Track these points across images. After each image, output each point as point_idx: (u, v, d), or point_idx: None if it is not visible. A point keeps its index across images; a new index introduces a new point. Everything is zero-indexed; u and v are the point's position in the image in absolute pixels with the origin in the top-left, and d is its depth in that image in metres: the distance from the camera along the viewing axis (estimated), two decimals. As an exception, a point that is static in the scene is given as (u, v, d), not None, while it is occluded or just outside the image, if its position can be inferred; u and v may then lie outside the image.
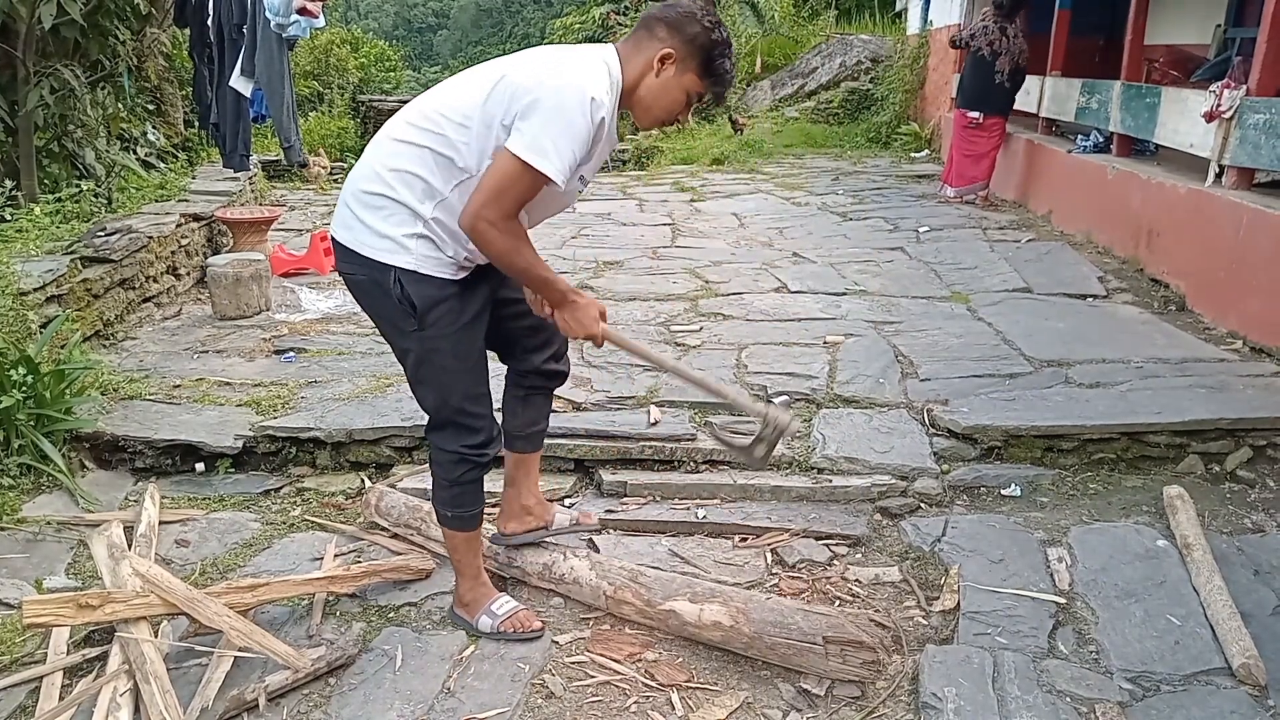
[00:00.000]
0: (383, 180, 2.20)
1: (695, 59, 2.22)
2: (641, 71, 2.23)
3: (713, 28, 2.22)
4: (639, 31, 2.26)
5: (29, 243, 4.50)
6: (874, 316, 4.93)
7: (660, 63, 2.21)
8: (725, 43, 2.24)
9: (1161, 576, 2.74)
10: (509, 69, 2.17)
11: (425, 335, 2.27)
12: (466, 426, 2.40)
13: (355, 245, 2.24)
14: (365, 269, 2.24)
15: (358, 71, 15.23)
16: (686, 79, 2.24)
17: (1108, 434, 3.48)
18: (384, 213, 2.20)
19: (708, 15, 2.23)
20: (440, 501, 2.50)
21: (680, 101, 2.28)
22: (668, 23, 2.21)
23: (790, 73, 15.71)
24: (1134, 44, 6.56)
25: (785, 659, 2.37)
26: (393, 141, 2.23)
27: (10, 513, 3.10)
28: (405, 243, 2.19)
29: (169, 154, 7.90)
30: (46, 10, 4.91)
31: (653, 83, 2.23)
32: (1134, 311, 5.02)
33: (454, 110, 2.17)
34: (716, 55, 2.23)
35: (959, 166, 8.17)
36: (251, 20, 6.59)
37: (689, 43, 2.21)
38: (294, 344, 4.58)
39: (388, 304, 2.25)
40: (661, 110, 2.28)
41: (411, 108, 2.27)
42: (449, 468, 2.43)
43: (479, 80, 2.20)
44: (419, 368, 2.35)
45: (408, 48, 30.99)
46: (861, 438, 3.52)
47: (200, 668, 2.37)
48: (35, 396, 3.35)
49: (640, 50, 2.23)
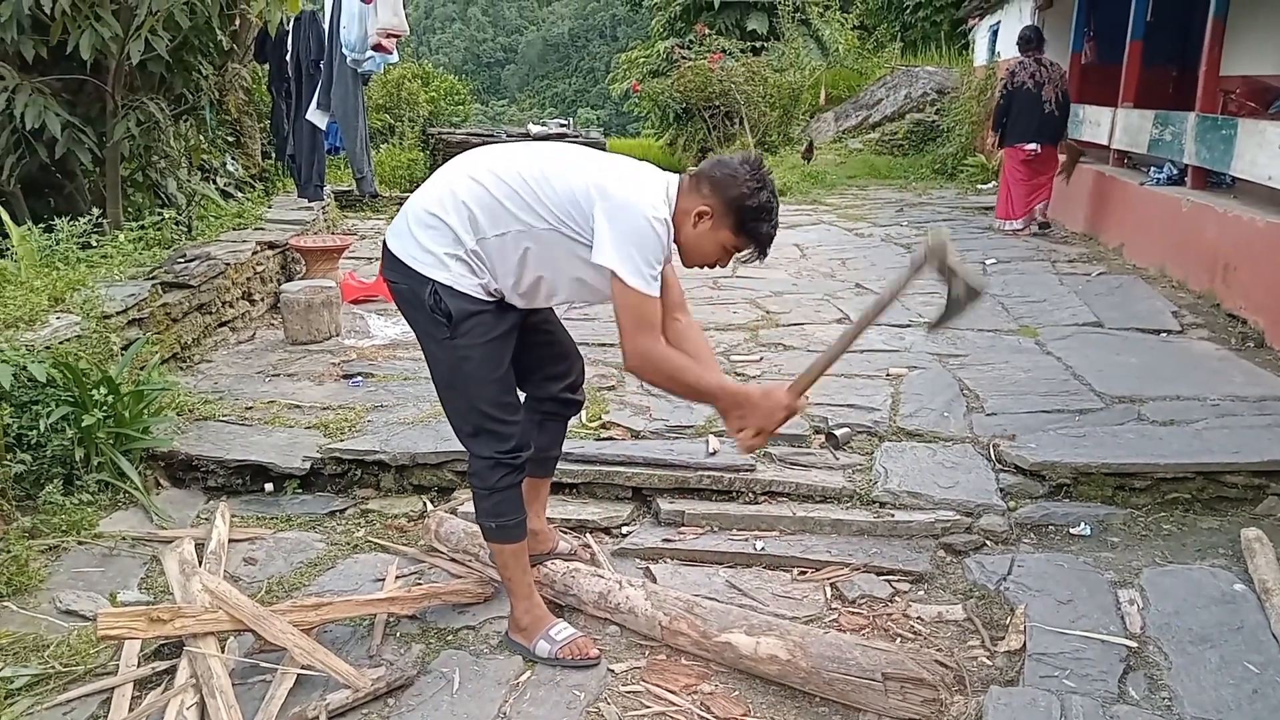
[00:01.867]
0: (442, 205, 2.37)
1: (731, 218, 2.35)
2: (683, 218, 2.38)
3: (752, 193, 2.33)
4: (691, 180, 2.41)
5: (113, 268, 4.68)
6: (938, 349, 4.87)
7: (698, 217, 2.36)
8: (765, 207, 2.35)
9: (1239, 622, 2.64)
10: (604, 182, 2.31)
11: (457, 344, 2.39)
12: (496, 433, 2.47)
13: (402, 255, 2.39)
14: (407, 279, 2.39)
15: (428, 105, 15.58)
16: (722, 235, 2.38)
17: (1182, 473, 3.37)
18: (433, 232, 2.36)
19: (751, 179, 2.33)
20: (482, 514, 2.54)
21: (716, 253, 2.43)
22: (712, 181, 2.35)
23: (854, 104, 15.70)
24: (1209, 74, 6.43)
25: (843, 695, 2.34)
26: (468, 178, 2.38)
27: (88, 528, 3.21)
28: (445, 260, 2.35)
29: (247, 184, 8.17)
30: (135, 47, 5.13)
31: (691, 232, 2.39)
32: (1210, 347, 4.88)
33: (531, 174, 2.34)
34: (751, 218, 2.35)
35: (1018, 199, 8.11)
36: (328, 56, 6.82)
37: (728, 204, 2.34)
38: (362, 369, 4.68)
39: (423, 313, 2.39)
40: (700, 257, 2.45)
41: (497, 157, 2.42)
42: (485, 475, 2.49)
43: (565, 162, 2.38)
44: (451, 374, 2.45)
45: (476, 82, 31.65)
46: (925, 472, 3.47)
47: (264, 684, 2.42)
48: (115, 416, 3.47)
49: (689, 198, 2.38)
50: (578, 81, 56.25)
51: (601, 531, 3.27)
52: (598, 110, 43.00)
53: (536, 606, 2.62)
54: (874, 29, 20.47)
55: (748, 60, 15.24)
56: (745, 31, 19.25)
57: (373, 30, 6.53)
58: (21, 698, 2.38)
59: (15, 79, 5.03)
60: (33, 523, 3.16)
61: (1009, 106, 7.97)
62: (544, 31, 62.07)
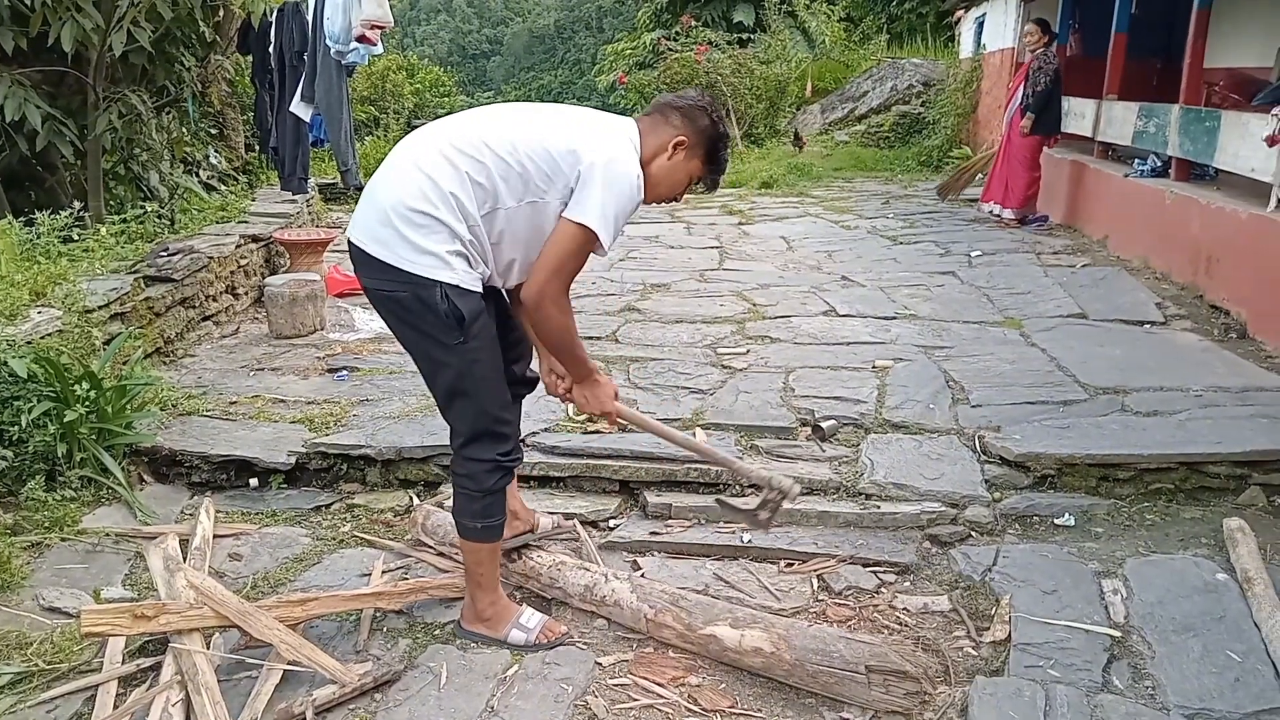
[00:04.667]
0: (428, 199, 2.24)
1: (703, 148, 2.48)
2: (655, 152, 2.44)
3: (718, 122, 2.49)
4: (654, 115, 2.49)
5: (95, 262, 4.64)
6: (924, 341, 4.88)
7: (674, 148, 2.44)
8: (727, 135, 2.54)
9: (1221, 611, 2.66)
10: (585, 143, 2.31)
11: (468, 347, 2.32)
12: (500, 434, 2.46)
13: (393, 260, 2.26)
14: (407, 285, 2.26)
15: (413, 97, 15.52)
16: (693, 164, 2.49)
17: (1165, 464, 3.39)
18: (426, 230, 2.24)
19: (715, 110, 2.50)
20: (469, 515, 2.49)
21: (683, 184, 2.53)
22: (682, 112, 2.46)
23: (840, 97, 15.70)
24: (1193, 67, 6.46)
25: (827, 688, 2.34)
26: (443, 161, 2.27)
27: (71, 524, 3.19)
28: (449, 259, 2.26)
29: (230, 177, 8.11)
30: (117, 39, 5.09)
31: (664, 164, 2.45)
32: (1193, 339, 4.91)
33: (500, 145, 2.30)
34: (721, 147, 2.51)
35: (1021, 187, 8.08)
36: (312, 48, 6.77)
37: (699, 132, 2.46)
38: (347, 363, 4.66)
39: (429, 319, 2.28)
40: (666, 189, 2.51)
41: (458, 130, 2.34)
42: (482, 478, 2.45)
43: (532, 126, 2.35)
44: (460, 380, 2.37)
45: (462, 74, 31.54)
46: (910, 464, 3.48)
47: (250, 680, 2.41)
48: (98, 411, 3.45)
49: (656, 133, 2.45)
50: (564, 73, 56.05)
51: (589, 525, 3.27)
52: (584, 102, 42.75)
53: (502, 598, 2.64)
54: (860, 21, 20.46)
55: (734, 52, 15.21)
56: (731, 23, 19.24)
57: (357, 21, 6.48)
58: (4, 696, 2.37)
59: (-6, 71, 4.98)
60: (14, 519, 3.13)
61: (1053, 95, 7.85)
62: (530, 23, 61.81)
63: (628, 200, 2.32)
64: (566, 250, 2.30)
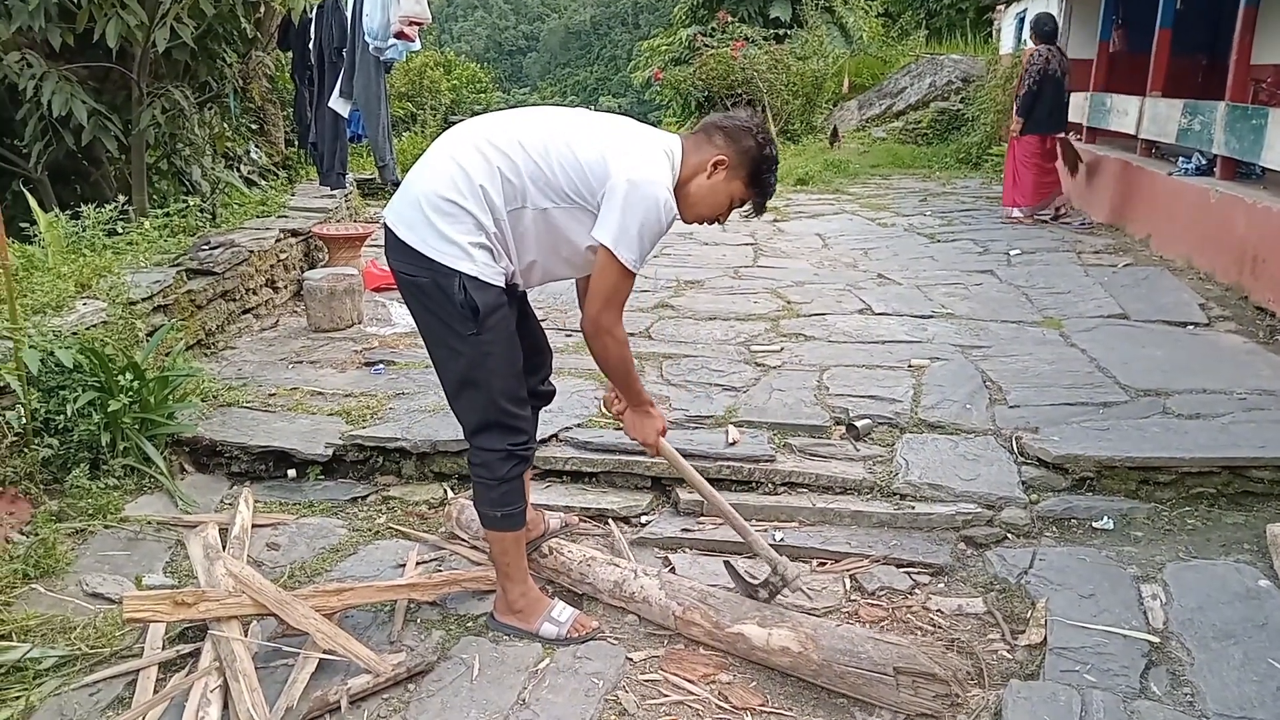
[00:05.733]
0: (458, 188, 2.30)
1: (745, 169, 2.44)
2: (695, 170, 2.43)
3: (764, 144, 2.44)
4: (699, 134, 2.48)
5: (139, 255, 4.72)
6: (961, 340, 4.84)
7: (714, 167, 2.42)
8: (774, 159, 2.47)
9: (1263, 618, 2.61)
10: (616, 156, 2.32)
11: (481, 339, 2.36)
12: (511, 426, 2.48)
13: (420, 245, 2.31)
14: (428, 271, 2.32)
15: (450, 93, 15.63)
16: (734, 185, 2.46)
17: (1208, 468, 3.33)
18: (453, 220, 2.29)
19: (761, 132, 2.45)
20: (487, 504, 2.53)
21: (724, 205, 2.50)
22: (726, 132, 2.44)
23: (878, 93, 15.58)
24: (1240, 63, 6.33)
25: (854, 689, 2.33)
26: (477, 154, 2.33)
27: (114, 512, 3.25)
28: (470, 250, 2.30)
29: (270, 172, 8.21)
30: (161, 35, 5.16)
31: (703, 183, 2.44)
32: (1237, 340, 4.82)
33: (534, 146, 2.34)
34: (764, 169, 2.46)
35: (1031, 186, 8.14)
36: (351, 44, 6.82)
37: (742, 154, 2.43)
38: (384, 356, 4.71)
39: (447, 307, 2.33)
40: (706, 209, 2.49)
41: (497, 127, 2.39)
42: (496, 466, 2.48)
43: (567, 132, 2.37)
44: (471, 370, 2.41)
45: (498, 70, 31.69)
46: (946, 464, 3.45)
47: (286, 668, 2.44)
48: (140, 401, 3.51)
49: (698, 151, 2.44)
50: (599, 69, 56.12)
51: (621, 521, 3.28)
52: (619, 98, 42.89)
53: (532, 589, 2.65)
54: (898, 16, 20.30)
55: (770, 48, 15.14)
56: (768, 19, 19.13)
57: (395, 18, 6.52)
58: (49, 678, 2.42)
59: (42, 66, 5.07)
60: (60, 506, 3.20)
61: (1040, 93, 7.93)
62: (566, 19, 61.94)
63: (654, 221, 2.31)
64: (609, 278, 2.33)
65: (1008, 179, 8.47)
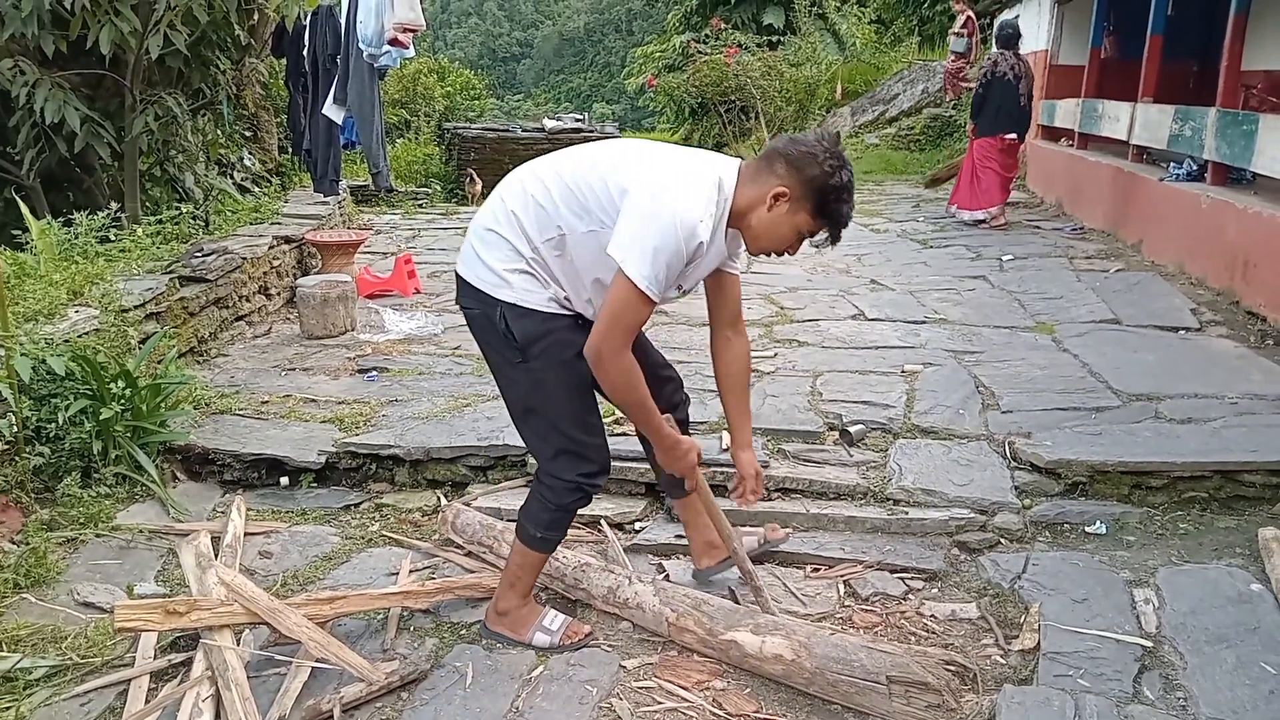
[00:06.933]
0: (495, 217, 2.33)
1: (810, 200, 2.21)
2: (754, 201, 2.24)
3: (833, 171, 2.18)
4: (760, 161, 2.26)
5: (131, 262, 4.71)
6: (954, 346, 4.85)
7: (774, 199, 2.21)
8: (844, 187, 2.21)
9: (1255, 622, 2.62)
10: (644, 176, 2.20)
11: (531, 367, 2.35)
12: (579, 454, 2.43)
13: (471, 279, 2.36)
14: (479, 304, 2.35)
15: (444, 100, 15.61)
16: (799, 218, 2.24)
17: (1200, 472, 3.34)
18: (491, 247, 2.32)
19: (830, 158, 2.19)
20: (533, 521, 2.52)
21: (790, 238, 2.29)
22: (788, 160, 2.21)
23: (871, 99, 15.61)
24: (1230, 69, 6.36)
25: (847, 697, 2.33)
26: (517, 185, 2.35)
27: (106, 520, 3.24)
28: (507, 277, 2.29)
29: (263, 179, 8.21)
30: (154, 42, 5.17)
31: (764, 215, 2.24)
32: (1229, 345, 4.83)
33: (568, 172, 2.29)
34: (833, 199, 2.21)
35: (987, 190, 8.26)
36: (345, 51, 6.84)
37: (806, 183, 2.19)
38: (377, 363, 4.70)
39: (495, 337, 2.36)
40: (770, 242, 2.30)
41: (545, 160, 2.39)
42: (562, 494, 2.46)
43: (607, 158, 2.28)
44: (529, 398, 2.41)
45: (492, 76, 31.65)
46: (939, 469, 3.45)
47: (279, 677, 2.43)
48: (133, 409, 3.50)
49: (757, 180, 2.24)
50: (593, 76, 56.19)
51: (615, 527, 3.27)
52: (613, 105, 42.94)
53: (530, 603, 2.65)
54: (891, 23, 20.34)
55: (764, 55, 15.18)
56: (761, 26, 19.16)
57: (389, 25, 6.54)
58: (40, 688, 2.41)
59: (35, 73, 5.08)
60: (51, 515, 3.19)
61: (987, 96, 8.20)
62: (560, 26, 62.01)
63: (671, 241, 2.11)
64: (616, 297, 2.15)
65: (962, 179, 8.63)
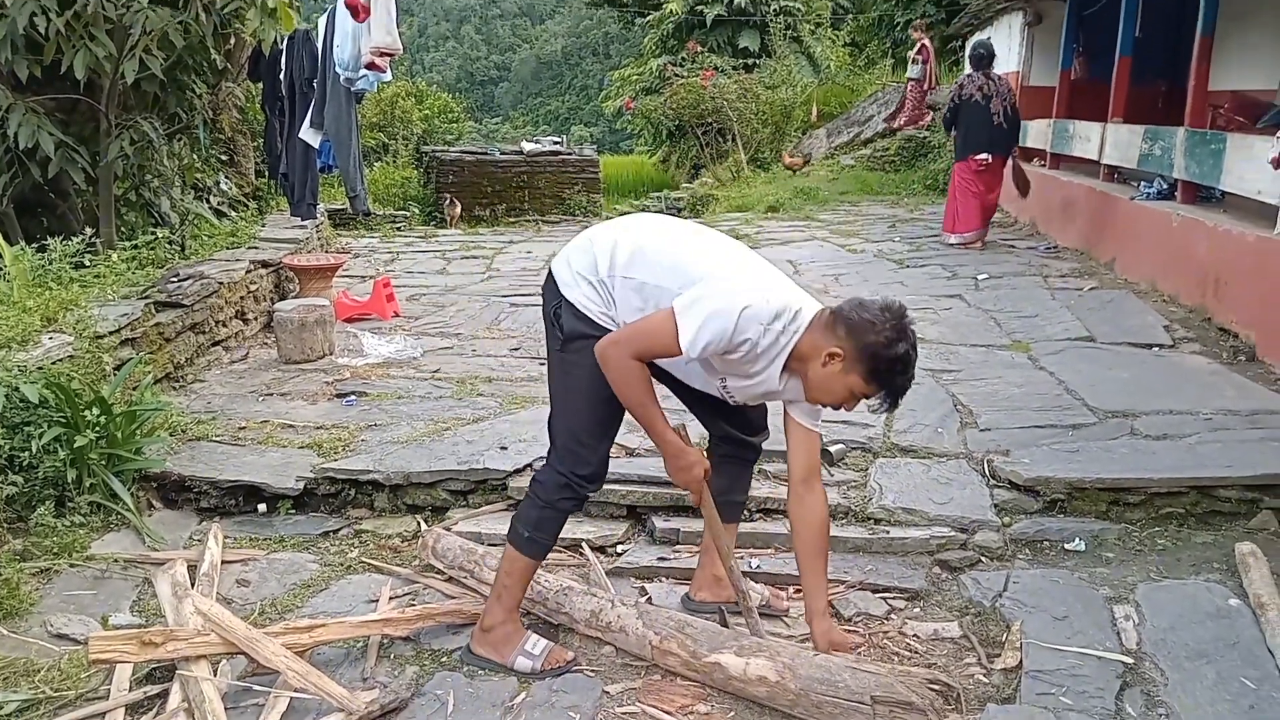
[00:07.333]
0: (596, 237, 2.51)
1: (863, 365, 2.24)
2: (812, 352, 2.29)
3: (889, 344, 2.22)
4: (831, 316, 2.31)
5: (106, 287, 4.66)
6: (932, 365, 4.88)
7: (829, 358, 2.26)
8: (900, 359, 2.24)
9: (1234, 637, 2.64)
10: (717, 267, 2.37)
11: (565, 358, 2.48)
12: (579, 456, 2.51)
13: (555, 272, 2.52)
14: (551, 294, 2.50)
15: (422, 123, 15.64)
16: (852, 380, 2.28)
17: (1176, 488, 3.38)
18: (580, 254, 2.49)
19: (889, 329, 2.23)
20: (523, 520, 2.57)
21: (843, 395, 2.32)
22: (849, 324, 2.26)
23: (846, 121, 15.78)
24: (1198, 90, 6.48)
25: (832, 718, 2.32)
26: (633, 228, 2.51)
27: (80, 550, 3.19)
28: (577, 279, 2.45)
29: (240, 203, 8.17)
30: (129, 66, 5.14)
31: (820, 371, 2.29)
32: (1202, 362, 4.89)
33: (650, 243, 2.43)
34: (884, 368, 2.25)
35: (970, 212, 8.25)
36: (321, 75, 6.82)
37: (861, 349, 2.23)
38: (355, 388, 4.67)
39: (551, 322, 2.51)
40: (824, 395, 2.35)
41: (663, 225, 2.54)
42: (551, 489, 2.53)
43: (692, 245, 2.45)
44: (558, 383, 2.55)
45: (470, 100, 31.74)
46: (919, 488, 3.47)
47: (257, 707, 2.40)
48: (107, 436, 3.46)
49: (822, 336, 2.29)
50: (571, 99, 56.45)
51: (597, 550, 3.26)
52: (591, 128, 43.11)
53: (513, 623, 2.63)
54: (865, 46, 20.57)
55: (740, 77, 15.33)
56: (737, 49, 19.36)
57: (366, 49, 6.53)
58: (12, 723, 2.36)
59: (9, 98, 5.03)
60: (24, 545, 3.14)
61: (955, 119, 8.23)
62: (537, 49, 62.30)
63: (723, 322, 2.20)
64: (654, 325, 2.28)
65: (948, 204, 8.64)
